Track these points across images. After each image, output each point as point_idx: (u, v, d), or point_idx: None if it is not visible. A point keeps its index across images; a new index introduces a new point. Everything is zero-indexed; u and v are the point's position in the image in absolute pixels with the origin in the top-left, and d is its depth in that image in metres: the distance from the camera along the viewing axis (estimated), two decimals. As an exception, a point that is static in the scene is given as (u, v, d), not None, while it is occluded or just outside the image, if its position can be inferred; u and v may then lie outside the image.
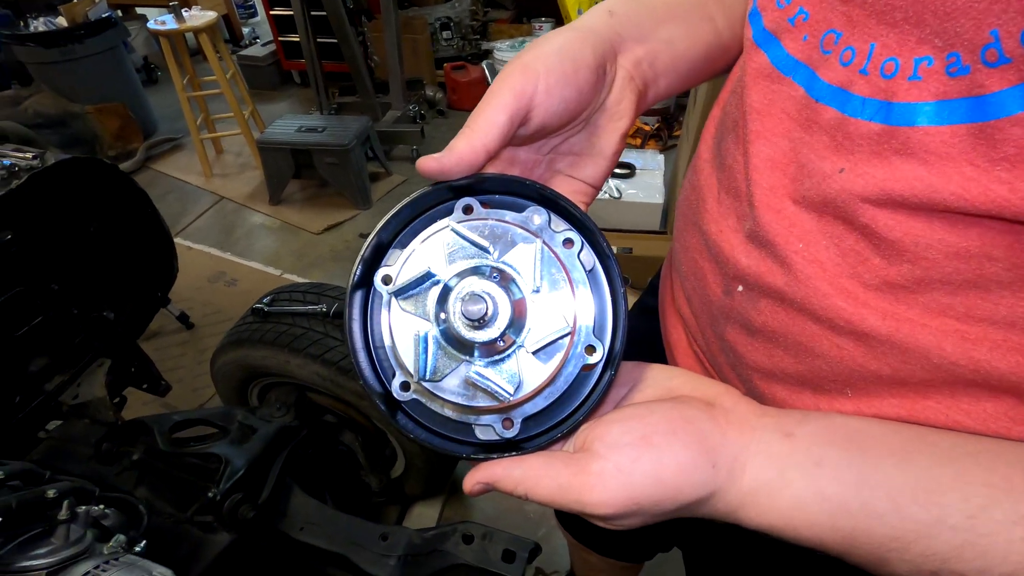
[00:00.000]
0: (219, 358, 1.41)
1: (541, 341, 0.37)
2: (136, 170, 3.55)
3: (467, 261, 0.38)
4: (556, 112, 0.40)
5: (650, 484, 0.34)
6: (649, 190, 2.51)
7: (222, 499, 0.98)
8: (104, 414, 1.25)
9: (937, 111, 0.30)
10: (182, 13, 3.02)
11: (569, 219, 0.39)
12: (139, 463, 1.08)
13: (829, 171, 0.36)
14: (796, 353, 0.41)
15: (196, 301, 2.43)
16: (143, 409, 1.90)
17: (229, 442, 1.11)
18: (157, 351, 2.19)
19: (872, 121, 0.33)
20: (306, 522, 1.09)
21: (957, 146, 0.30)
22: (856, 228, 0.35)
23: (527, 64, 0.39)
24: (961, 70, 0.29)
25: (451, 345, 0.38)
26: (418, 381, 0.38)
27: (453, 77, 3.95)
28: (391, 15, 3.25)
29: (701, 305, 0.51)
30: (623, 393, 0.42)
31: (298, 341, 1.28)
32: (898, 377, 0.36)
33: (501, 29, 4.41)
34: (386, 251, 0.40)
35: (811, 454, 0.35)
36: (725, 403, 0.39)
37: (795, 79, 0.39)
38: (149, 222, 1.32)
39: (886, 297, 0.35)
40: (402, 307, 0.39)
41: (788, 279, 0.39)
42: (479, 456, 0.38)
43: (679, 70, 0.49)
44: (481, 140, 0.37)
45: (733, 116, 0.46)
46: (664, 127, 3.24)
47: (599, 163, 0.46)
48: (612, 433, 0.36)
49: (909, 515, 0.32)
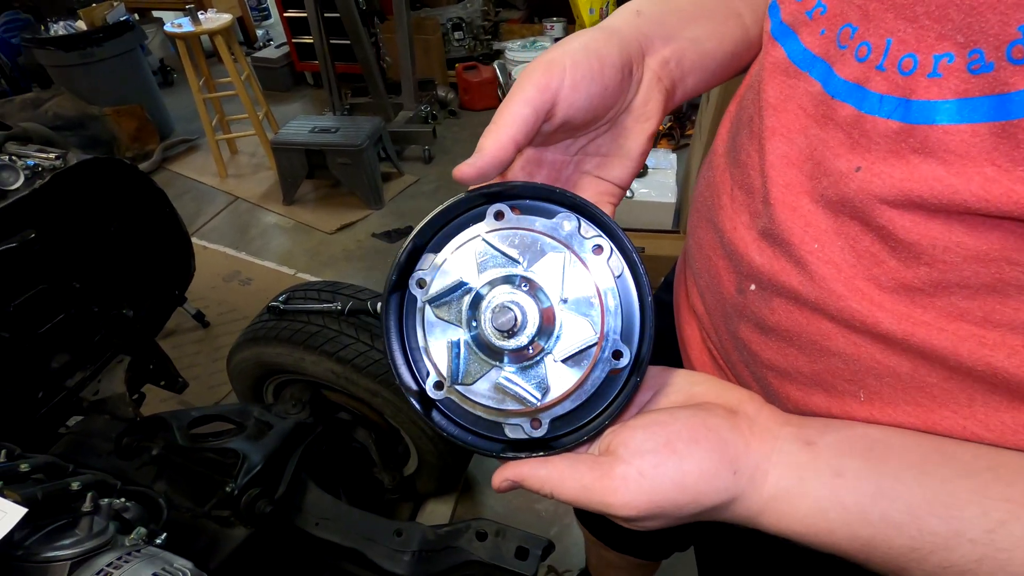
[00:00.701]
0: (235, 355, 1.43)
1: (569, 350, 0.38)
2: (153, 171, 3.61)
3: (498, 270, 0.39)
4: (581, 108, 0.40)
5: (671, 489, 0.35)
6: (662, 189, 2.50)
7: (240, 494, 1.00)
8: (124, 410, 1.27)
9: (958, 109, 0.30)
10: (198, 16, 3.06)
11: (599, 224, 0.39)
12: (158, 458, 1.09)
13: (845, 170, 0.36)
14: (810, 352, 0.41)
15: (211, 300, 2.46)
16: (161, 406, 1.93)
17: (246, 438, 1.12)
18: (174, 349, 2.22)
19: (890, 119, 0.33)
20: (321, 517, 1.10)
21: (978, 145, 0.29)
22: (872, 229, 0.35)
23: (553, 60, 0.39)
24: (984, 67, 0.28)
25: (482, 351, 0.39)
26: (450, 385, 0.39)
27: (465, 77, 3.96)
28: (403, 16, 3.27)
29: (715, 302, 0.51)
30: (648, 397, 0.42)
31: (313, 339, 1.29)
32: (915, 377, 0.35)
33: (512, 29, 4.41)
34: (420, 255, 0.41)
35: (831, 464, 0.35)
36: (748, 410, 0.39)
37: (812, 74, 0.38)
38: (167, 222, 1.34)
39: (902, 300, 0.35)
40: (436, 314, 0.40)
41: (803, 279, 0.39)
42: (508, 455, 0.40)
43: (707, 68, 0.49)
44: (508, 133, 0.37)
45: (749, 112, 0.46)
46: (677, 126, 3.22)
47: (626, 164, 0.46)
48: (636, 439, 0.37)
49: (928, 527, 0.32)
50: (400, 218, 3.09)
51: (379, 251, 2.88)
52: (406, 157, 3.57)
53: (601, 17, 3.54)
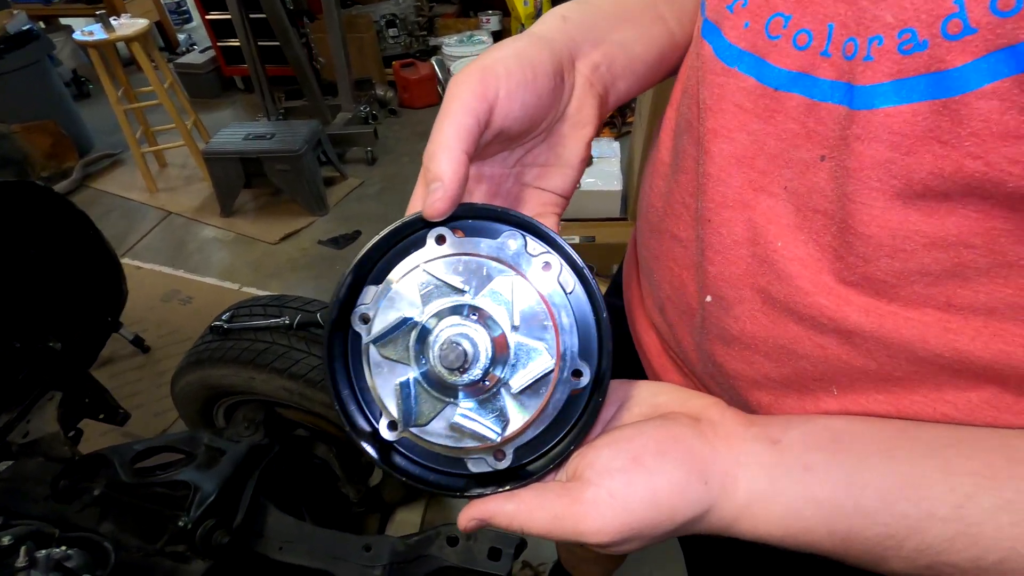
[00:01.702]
0: (179, 380, 1.36)
1: (526, 379, 0.36)
2: (74, 190, 3.37)
3: (444, 300, 0.37)
4: (516, 118, 0.39)
5: (645, 507, 0.34)
6: (607, 178, 2.53)
7: (194, 527, 0.95)
8: (59, 450, 1.18)
9: (895, 90, 0.29)
10: (110, 22, 2.87)
11: (546, 240, 0.38)
12: (101, 498, 1.03)
13: (809, 159, 0.35)
14: (777, 358, 0.41)
15: (150, 322, 2.33)
16: (102, 440, 1.81)
17: (196, 467, 1.06)
18: (113, 378, 2.09)
19: (840, 104, 0.32)
20: (285, 541, 1.06)
21: (921, 124, 0.29)
22: (835, 222, 0.35)
23: (487, 67, 0.38)
24: (917, 46, 0.28)
25: (434, 388, 0.37)
26: (403, 429, 0.38)
27: (403, 75, 3.89)
28: (333, 14, 3.17)
29: (678, 315, 0.50)
30: (612, 412, 0.41)
31: (262, 356, 1.24)
32: (883, 372, 0.36)
33: (448, 24, 4.36)
34: (361, 288, 0.39)
35: (799, 459, 0.35)
36: (712, 416, 0.39)
37: (741, 69, 0.38)
38: (91, 244, 1.25)
39: (866, 292, 0.35)
40: (382, 353, 0.38)
41: (770, 278, 0.39)
42: (472, 494, 0.38)
43: (636, 72, 0.48)
44: (460, 148, 0.35)
45: (687, 116, 0.45)
46: (618, 114, 3.27)
47: (566, 173, 0.45)
48: (602, 458, 0.36)
49: (900, 511, 0.32)
50: (346, 223, 3.01)
51: (326, 258, 2.80)
52: (348, 160, 3.47)
53: (536, 9, 3.53)
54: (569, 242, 1.89)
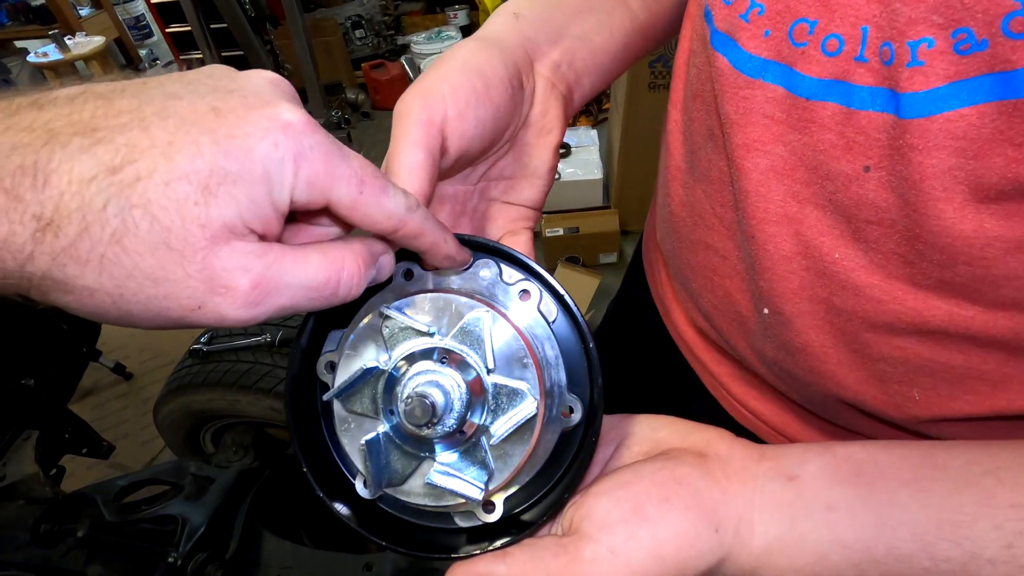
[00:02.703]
0: (162, 409, 1.32)
1: (508, 424, 0.32)
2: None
3: (411, 343, 0.33)
4: (473, 136, 0.35)
5: (650, 564, 0.31)
6: (587, 167, 2.50)
7: (184, 562, 0.91)
8: (39, 491, 1.13)
9: (955, 93, 0.27)
10: (65, 41, 2.79)
11: (521, 267, 0.35)
12: (86, 539, 0.98)
13: (851, 172, 0.32)
14: (851, 363, 0.38)
15: (132, 348, 2.27)
16: (88, 474, 1.76)
17: (184, 498, 1.03)
18: (95, 409, 2.04)
19: (885, 112, 0.30)
20: (282, 567, 1.03)
21: (989, 126, 0.26)
22: (897, 231, 0.32)
23: (428, 89, 0.34)
24: (976, 46, 0.26)
25: (407, 443, 0.33)
26: (376, 492, 0.34)
27: (373, 76, 3.82)
28: (297, 19, 3.11)
29: (727, 323, 0.47)
30: (610, 452, 0.38)
31: (245, 377, 1.20)
32: (970, 370, 0.33)
33: (415, 22, 4.30)
34: (325, 334, 0.35)
35: (820, 497, 0.32)
36: (719, 451, 0.35)
37: (767, 79, 0.35)
38: (57, 275, 1.20)
39: (948, 295, 0.32)
40: (346, 407, 0.34)
41: (832, 290, 0.36)
42: (460, 555, 0.34)
43: (601, 65, 0.45)
44: (411, 190, 0.31)
45: (707, 125, 0.42)
46: (593, 101, 3.24)
47: (535, 183, 0.42)
48: (600, 509, 0.32)
49: (940, 554, 0.29)
50: (327, 231, 2.96)
51: (309, 269, 2.75)
52: (324, 167, 3.42)
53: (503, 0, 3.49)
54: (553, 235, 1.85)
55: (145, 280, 0.22)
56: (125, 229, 0.21)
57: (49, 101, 0.22)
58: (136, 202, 0.21)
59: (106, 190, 0.20)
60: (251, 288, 0.23)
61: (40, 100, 0.22)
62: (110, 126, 0.21)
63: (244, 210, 0.22)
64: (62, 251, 0.21)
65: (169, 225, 0.21)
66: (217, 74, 0.25)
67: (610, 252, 2.37)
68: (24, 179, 0.20)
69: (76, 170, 0.20)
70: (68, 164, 0.20)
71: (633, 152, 2.21)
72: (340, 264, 0.26)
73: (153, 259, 0.21)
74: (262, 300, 0.24)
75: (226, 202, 0.22)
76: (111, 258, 0.21)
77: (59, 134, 0.21)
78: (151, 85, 0.23)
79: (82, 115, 0.21)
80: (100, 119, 0.21)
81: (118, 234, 0.21)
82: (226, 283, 0.23)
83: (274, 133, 0.22)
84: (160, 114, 0.22)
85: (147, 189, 0.21)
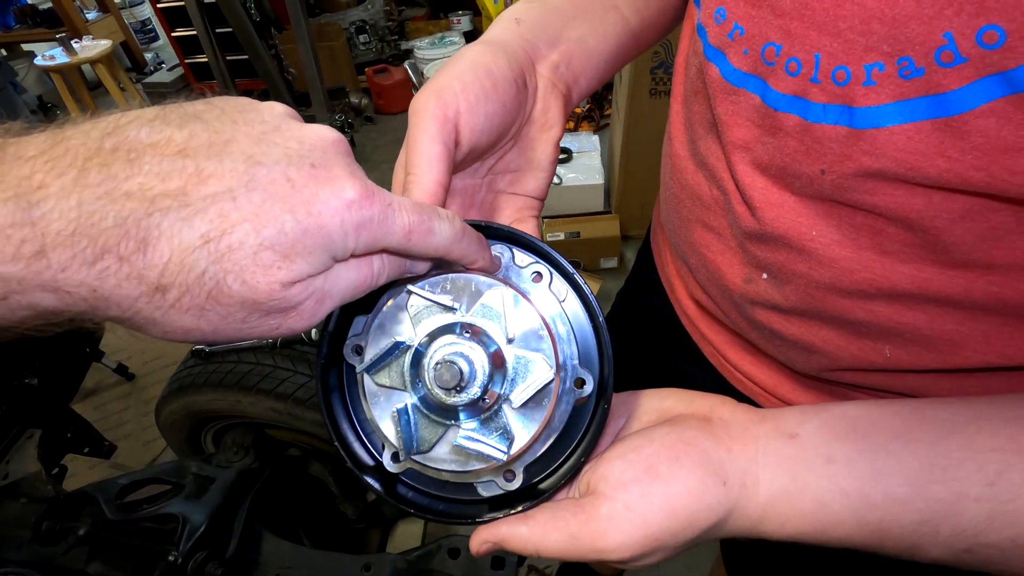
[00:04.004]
0: (163, 409, 1.33)
1: (527, 392, 0.35)
2: (47, 218, 3.31)
3: (435, 319, 0.36)
4: (483, 130, 0.39)
5: (664, 517, 0.33)
6: (589, 172, 2.51)
7: (184, 561, 0.92)
8: (42, 489, 1.14)
9: (899, 111, 0.31)
10: (72, 45, 2.82)
11: (533, 250, 0.38)
12: (87, 537, 0.99)
13: (811, 173, 0.37)
14: (831, 323, 0.42)
15: (134, 349, 2.29)
16: (91, 474, 1.76)
17: (185, 498, 1.03)
18: (97, 409, 2.04)
19: (838, 124, 0.34)
20: (282, 567, 1.03)
21: (924, 141, 0.30)
22: (861, 211, 0.36)
23: (441, 87, 0.37)
24: (915, 72, 0.29)
25: (433, 412, 0.36)
26: (406, 457, 0.36)
27: (376, 81, 3.84)
28: (302, 24, 3.13)
29: (720, 294, 0.52)
30: (620, 424, 0.40)
31: (246, 378, 1.21)
32: (933, 329, 0.37)
33: (419, 27, 4.32)
34: (351, 320, 0.38)
35: (820, 452, 0.34)
36: (722, 414, 0.38)
37: (748, 88, 0.39)
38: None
39: (910, 261, 0.36)
40: (376, 381, 0.36)
41: (811, 264, 0.40)
42: (485, 519, 0.37)
43: (596, 66, 0.49)
44: (433, 180, 0.35)
45: (708, 118, 0.46)
46: (595, 107, 3.26)
47: (539, 175, 0.45)
48: (615, 471, 0.35)
49: (931, 495, 0.31)
50: (329, 234, 2.97)
51: (311, 271, 2.76)
52: (326, 170, 3.43)
53: (506, 6, 3.51)
54: (554, 239, 1.88)
55: (234, 321, 0.26)
56: (219, 291, 0.25)
57: (136, 152, 0.24)
58: (230, 268, 0.24)
59: (205, 258, 0.24)
60: (314, 304, 0.28)
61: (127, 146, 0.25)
62: (202, 196, 0.24)
63: (313, 267, 0.27)
64: (168, 306, 0.24)
65: (255, 285, 0.25)
66: (283, 129, 0.28)
67: (611, 257, 2.38)
68: (130, 243, 0.23)
69: (177, 240, 0.24)
70: (170, 233, 0.23)
71: (634, 158, 2.22)
72: (371, 262, 0.31)
73: (242, 310, 0.26)
74: (320, 310, 0.29)
75: (301, 265, 0.26)
76: (208, 309, 0.25)
77: (157, 202, 0.23)
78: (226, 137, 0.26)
79: (175, 182, 0.24)
80: (192, 187, 0.24)
81: (214, 293, 0.25)
82: (296, 308, 0.27)
83: (341, 212, 0.26)
84: (246, 185, 0.25)
85: (239, 258, 0.24)
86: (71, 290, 0.23)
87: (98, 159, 0.24)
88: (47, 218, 0.22)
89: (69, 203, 0.22)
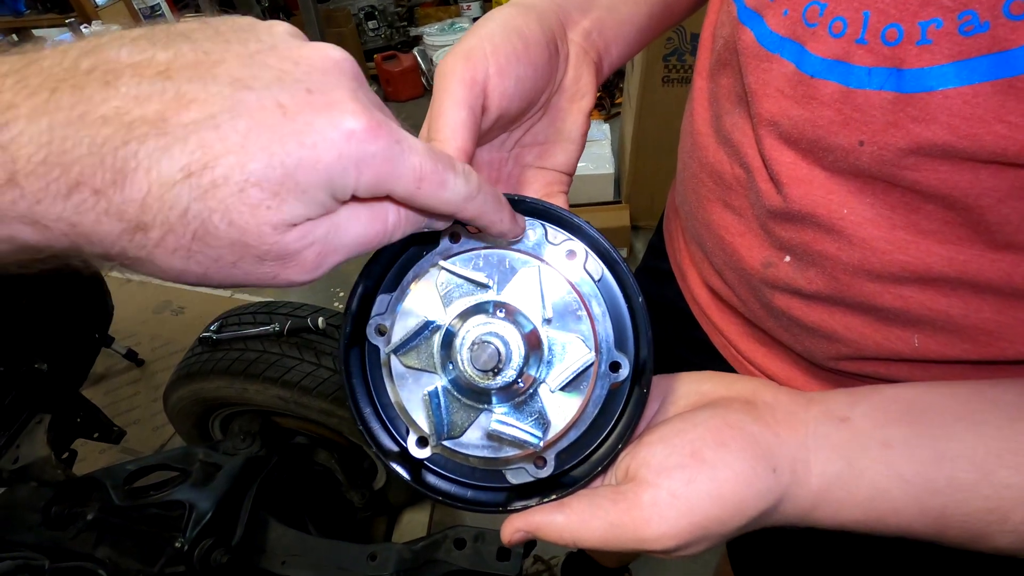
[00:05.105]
0: (171, 395, 1.33)
1: (566, 374, 0.33)
2: (58, 204, 3.33)
3: (466, 299, 0.34)
4: (513, 95, 0.36)
5: (711, 504, 0.31)
6: (599, 161, 2.48)
7: (191, 547, 0.92)
8: (51, 473, 1.15)
9: (956, 72, 0.28)
10: (82, 30, 2.81)
11: (566, 226, 0.36)
12: (95, 522, 1.00)
13: (847, 145, 0.34)
14: (856, 310, 0.40)
15: (143, 335, 2.30)
16: (100, 458, 1.79)
17: (192, 484, 1.04)
18: (107, 395, 2.06)
19: (883, 90, 0.31)
20: (288, 555, 1.04)
21: (982, 105, 0.28)
22: (898, 188, 0.34)
23: (471, 48, 0.35)
24: (978, 28, 0.27)
25: (465, 396, 0.34)
26: (436, 443, 0.35)
27: (385, 68, 3.82)
28: (310, 10, 3.11)
29: (737, 279, 0.49)
30: (655, 408, 0.39)
31: (253, 366, 1.21)
32: (968, 317, 0.35)
33: (428, 13, 4.28)
34: (374, 298, 0.36)
35: (875, 436, 0.32)
36: (766, 398, 0.36)
37: (783, 55, 0.37)
38: (70, 261, 1.21)
39: (948, 242, 0.33)
40: (404, 363, 0.35)
41: (840, 245, 0.37)
42: (517, 507, 0.35)
43: (627, 36, 0.47)
44: (457, 148, 0.33)
45: (737, 92, 0.44)
46: (606, 95, 3.21)
47: (568, 148, 0.43)
48: (656, 456, 0.33)
49: (1001, 481, 0.29)
50: (337, 222, 2.96)
51: (319, 259, 2.76)
52: (335, 158, 3.42)
53: (517, -8, 3.47)
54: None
55: (225, 264, 0.24)
56: (206, 231, 0.22)
57: (113, 73, 0.22)
58: (214, 207, 0.22)
59: (187, 195, 0.21)
60: (315, 256, 0.25)
61: (104, 66, 0.22)
62: (182, 123, 0.21)
63: (309, 209, 0.24)
64: (152, 245, 0.22)
65: (244, 226, 0.23)
66: (280, 49, 0.25)
67: (620, 247, 2.36)
68: (105, 174, 0.21)
69: (155, 172, 0.21)
70: (147, 164, 0.21)
71: (645, 147, 2.19)
72: (385, 214, 0.28)
73: (231, 252, 0.23)
74: (323, 263, 0.26)
75: (294, 205, 0.23)
76: (196, 250, 0.23)
77: (134, 129, 0.21)
78: (215, 58, 0.23)
79: (153, 106, 0.21)
80: (171, 112, 0.21)
81: (200, 233, 0.22)
82: (295, 258, 0.25)
83: (339, 144, 0.23)
84: (231, 112, 0.22)
85: (224, 196, 0.22)
86: (49, 224, 0.21)
87: (72, 80, 0.21)
88: (17, 142, 0.20)
89: (39, 126, 0.20)
